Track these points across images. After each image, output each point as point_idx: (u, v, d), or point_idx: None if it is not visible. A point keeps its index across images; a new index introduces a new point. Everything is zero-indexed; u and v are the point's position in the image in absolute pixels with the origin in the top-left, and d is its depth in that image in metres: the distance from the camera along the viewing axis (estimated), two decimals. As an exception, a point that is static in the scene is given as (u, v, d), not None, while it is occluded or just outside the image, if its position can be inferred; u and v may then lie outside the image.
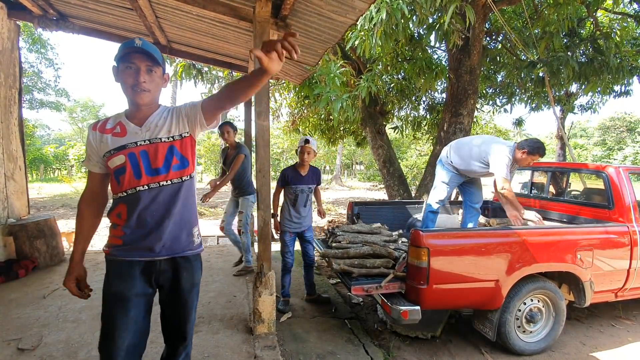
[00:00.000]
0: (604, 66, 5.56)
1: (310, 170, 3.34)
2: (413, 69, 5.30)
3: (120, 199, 1.43)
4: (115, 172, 1.41)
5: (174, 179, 1.45)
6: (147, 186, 1.41)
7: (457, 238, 2.63)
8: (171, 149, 1.45)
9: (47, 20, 3.69)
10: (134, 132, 1.42)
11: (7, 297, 3.02)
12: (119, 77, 1.41)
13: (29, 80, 19.36)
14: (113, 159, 1.40)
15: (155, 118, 1.46)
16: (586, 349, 2.95)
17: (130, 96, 1.41)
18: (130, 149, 1.40)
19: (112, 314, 1.40)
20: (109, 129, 1.44)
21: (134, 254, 1.43)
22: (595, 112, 10.35)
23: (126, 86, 1.39)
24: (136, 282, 1.43)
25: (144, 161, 1.41)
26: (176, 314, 1.54)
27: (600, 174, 3.38)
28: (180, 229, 1.48)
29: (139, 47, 1.36)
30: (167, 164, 1.44)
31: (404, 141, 19.29)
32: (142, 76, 1.37)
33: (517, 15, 6.98)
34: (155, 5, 3.10)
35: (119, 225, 1.43)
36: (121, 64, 1.38)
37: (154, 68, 1.41)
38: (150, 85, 1.41)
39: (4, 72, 3.83)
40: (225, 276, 3.81)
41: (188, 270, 1.52)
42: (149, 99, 1.42)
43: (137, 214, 1.41)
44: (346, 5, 2.49)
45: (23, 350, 2.25)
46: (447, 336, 3.09)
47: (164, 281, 1.50)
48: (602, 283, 2.93)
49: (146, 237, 1.42)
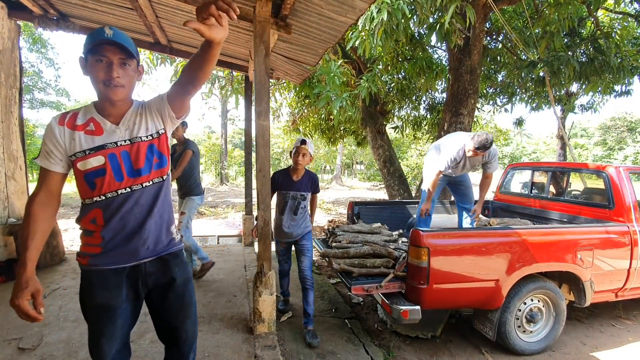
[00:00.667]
0: (604, 66, 5.56)
1: (305, 176, 2.95)
2: (413, 68, 5.30)
3: (95, 203, 1.30)
4: (89, 174, 1.28)
5: (155, 178, 1.39)
6: (130, 188, 1.32)
7: (457, 238, 2.63)
8: (151, 148, 1.37)
9: (48, 20, 3.69)
10: (112, 131, 1.31)
11: (8, 297, 3.01)
12: (88, 70, 1.27)
13: (29, 80, 19.37)
14: (88, 159, 1.27)
15: (131, 116, 1.36)
16: (586, 349, 2.95)
17: (103, 92, 1.27)
18: (110, 149, 1.29)
19: (99, 325, 1.33)
20: (80, 125, 1.29)
21: (117, 260, 1.33)
22: (596, 111, 10.34)
23: (97, 81, 1.26)
24: (122, 290, 1.34)
25: (125, 162, 1.31)
26: (175, 313, 1.46)
27: (600, 173, 3.38)
28: (161, 228, 1.42)
29: (110, 39, 1.22)
30: (149, 163, 1.36)
31: (404, 141, 19.28)
32: (115, 71, 1.25)
33: (517, 15, 6.97)
34: (156, 5, 3.10)
35: (95, 231, 1.31)
36: (90, 56, 1.25)
37: (128, 61, 1.28)
38: (124, 80, 1.28)
39: (5, 71, 3.83)
40: (225, 276, 3.81)
41: (179, 265, 1.48)
42: (123, 94, 1.30)
43: (117, 218, 1.31)
44: (346, 5, 2.49)
45: (24, 349, 2.26)
46: (447, 336, 3.10)
47: (154, 284, 1.42)
48: (602, 283, 2.93)
49: (129, 241, 1.33)
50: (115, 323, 1.34)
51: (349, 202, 4.20)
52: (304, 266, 2.94)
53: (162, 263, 1.43)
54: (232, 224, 6.89)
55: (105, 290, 1.32)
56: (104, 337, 1.33)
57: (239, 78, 6.67)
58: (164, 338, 1.53)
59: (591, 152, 31.80)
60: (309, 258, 2.96)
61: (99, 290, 1.32)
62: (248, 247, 4.95)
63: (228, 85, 7.15)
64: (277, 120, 9.43)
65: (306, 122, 9.00)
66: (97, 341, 1.33)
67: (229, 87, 7.11)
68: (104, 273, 1.33)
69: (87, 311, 1.35)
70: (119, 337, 1.36)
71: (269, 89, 2.49)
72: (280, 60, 4.01)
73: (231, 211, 10.47)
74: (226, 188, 20.07)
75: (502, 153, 33.90)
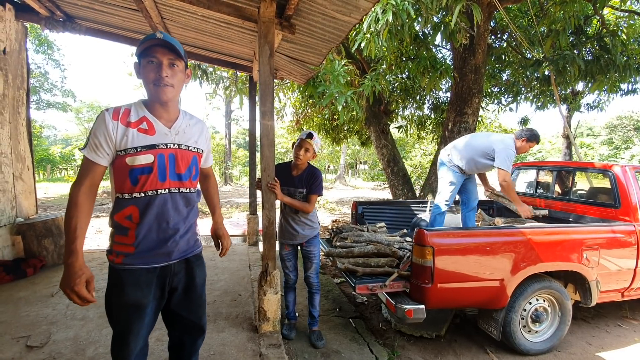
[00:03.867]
0: (610, 64, 5.51)
1: (306, 172, 2.68)
2: (417, 68, 5.28)
3: (134, 199, 1.34)
4: (135, 170, 1.33)
5: (191, 187, 1.48)
6: (169, 190, 1.39)
7: (461, 237, 2.63)
8: (194, 159, 1.48)
9: (54, 22, 3.72)
10: (164, 133, 1.39)
11: (16, 295, 3.06)
12: (141, 72, 1.36)
13: (36, 81, 19.56)
14: (138, 156, 1.32)
15: (182, 123, 1.45)
16: (592, 349, 2.94)
17: (153, 92, 1.35)
18: (160, 149, 1.36)
19: (129, 322, 1.37)
20: (134, 122, 1.34)
21: (151, 260, 1.38)
22: (602, 110, 10.23)
23: (148, 81, 1.34)
24: (152, 289, 1.40)
25: (170, 164, 1.39)
26: (192, 310, 1.56)
27: (606, 173, 3.36)
28: (190, 232, 1.51)
29: (161, 40, 1.31)
30: (189, 172, 1.46)
31: (408, 140, 19.23)
32: (164, 70, 1.33)
33: (522, 14, 6.93)
34: (161, 6, 3.13)
35: (130, 229, 1.35)
36: (143, 59, 1.34)
37: (176, 62, 1.36)
38: (173, 80, 1.36)
39: (12, 73, 3.88)
40: (230, 275, 3.83)
41: (200, 266, 1.58)
42: (172, 94, 1.37)
43: (152, 218, 1.36)
44: (350, 5, 2.49)
45: (32, 347, 2.28)
46: (451, 335, 3.09)
47: (178, 282, 1.49)
48: (608, 282, 2.91)
49: (164, 242, 1.40)
50: (143, 321, 1.39)
51: (353, 202, 4.20)
52: (310, 272, 2.82)
53: (186, 264, 1.52)
54: (237, 223, 6.91)
55: (137, 288, 1.36)
56: (131, 334, 1.37)
57: (243, 78, 6.69)
58: (182, 332, 1.60)
59: (597, 152, 31.51)
60: (315, 264, 2.82)
61: (131, 288, 1.35)
62: (252, 247, 4.97)
63: (232, 86, 7.18)
64: (281, 120, 9.46)
65: (310, 122, 9.01)
66: (125, 339, 1.37)
67: (233, 87, 7.14)
68: (136, 272, 1.36)
69: (115, 310, 1.38)
70: (144, 335, 1.43)
71: (274, 89, 2.50)
72: (284, 60, 4.02)
73: (235, 211, 10.51)
74: (230, 188, 20.14)
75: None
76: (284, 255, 2.82)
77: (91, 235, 6.87)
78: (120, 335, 1.39)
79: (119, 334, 1.39)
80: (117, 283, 1.36)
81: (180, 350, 1.64)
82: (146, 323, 1.41)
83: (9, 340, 2.36)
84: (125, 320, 1.37)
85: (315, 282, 2.84)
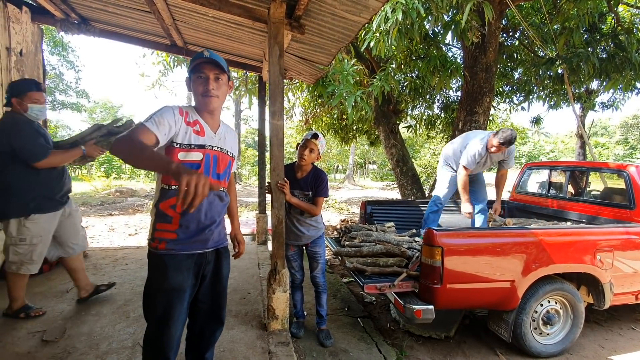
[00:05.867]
0: (625, 62, 5.39)
1: (311, 175, 2.66)
2: (427, 67, 5.24)
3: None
4: (185, 164, 1.46)
5: (224, 187, 1.67)
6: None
7: (471, 237, 2.61)
8: (230, 163, 1.70)
9: (69, 24, 3.81)
10: (210, 136, 1.59)
11: (32, 291, 3.14)
12: (192, 86, 1.57)
13: (51, 82, 19.99)
14: (191, 153, 1.50)
15: (223, 130, 1.67)
16: (605, 352, 2.89)
17: (201, 102, 1.56)
18: (208, 150, 1.56)
19: (171, 306, 1.47)
20: (191, 122, 1.54)
21: (191, 247, 1.53)
22: (618, 109, 9.99)
23: (197, 93, 1.55)
24: (190, 274, 1.54)
25: (214, 164, 1.59)
26: (216, 301, 1.70)
27: (621, 173, 3.30)
28: (222, 225, 1.71)
29: (208, 58, 1.51)
30: (225, 174, 1.67)
31: (418, 140, 19.10)
32: (211, 84, 1.53)
33: (535, 11, 6.82)
34: (173, 8, 3.17)
35: (173, 217, 1.50)
36: (193, 74, 1.55)
37: (221, 75, 1.56)
38: (218, 92, 1.56)
39: (29, 74, 3.97)
40: (239, 273, 3.86)
41: (227, 258, 1.76)
42: (217, 103, 1.58)
43: (195, 209, 1.41)
44: (360, 5, 2.49)
45: (48, 341, 2.34)
46: (461, 336, 3.07)
47: (208, 271, 1.64)
48: (622, 285, 2.86)
49: (203, 231, 1.56)
50: (183, 305, 1.51)
51: (362, 201, 4.20)
52: (316, 272, 2.83)
53: (217, 254, 1.69)
54: (246, 222, 6.96)
55: (179, 273, 1.49)
56: (172, 318, 1.48)
57: (253, 79, 6.73)
58: (202, 322, 1.72)
59: (612, 151, 30.80)
60: (321, 264, 2.82)
61: (173, 273, 1.48)
62: (261, 246, 5.01)
63: (242, 86, 7.23)
64: (290, 120, 9.49)
65: (319, 122, 9.02)
66: (167, 324, 1.47)
67: (242, 87, 7.19)
68: (178, 257, 1.50)
69: (157, 296, 1.48)
70: (182, 322, 1.54)
71: (283, 89, 2.52)
72: (294, 61, 4.04)
73: (244, 210, 10.58)
74: (239, 187, 20.26)
75: (519, 152, 33.18)
76: (290, 256, 2.82)
77: (104, 233, 7.00)
78: (161, 322, 1.48)
79: (160, 321, 1.48)
80: (161, 268, 1.48)
81: (200, 340, 1.74)
82: (185, 308, 1.53)
83: (25, 334, 2.43)
84: (168, 305, 1.47)
85: (322, 281, 2.85)
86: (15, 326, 2.52)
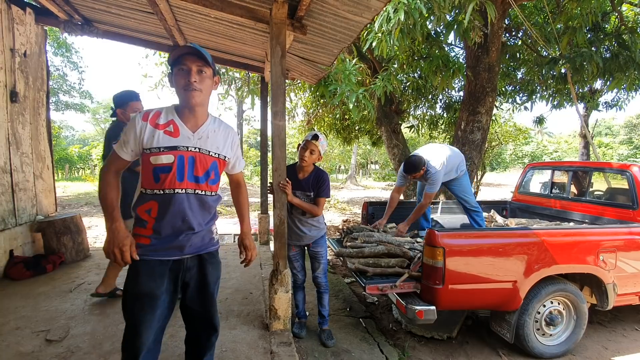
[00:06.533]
0: (629, 62, 5.35)
1: (313, 175, 2.66)
2: (429, 67, 5.23)
3: (154, 195, 1.45)
4: (157, 168, 1.44)
5: (207, 190, 1.55)
6: (185, 190, 1.47)
7: (473, 238, 2.60)
8: (213, 165, 1.56)
9: (73, 25, 3.83)
10: (187, 137, 1.48)
11: (36, 291, 3.16)
12: (173, 80, 1.48)
13: (54, 83, 20.07)
14: (160, 156, 1.43)
15: (207, 128, 1.54)
16: (608, 354, 2.88)
17: (183, 96, 1.46)
18: (181, 151, 1.46)
19: (141, 313, 1.43)
20: (162, 124, 1.46)
21: (164, 253, 1.48)
22: (621, 109, 9.93)
23: (179, 87, 1.45)
24: (164, 281, 1.48)
25: (189, 166, 1.48)
26: (205, 307, 1.62)
27: (624, 173, 3.28)
28: (205, 231, 1.59)
29: (190, 49, 1.43)
30: (206, 176, 1.54)
31: (420, 140, 19.05)
32: (192, 76, 1.43)
33: (538, 10, 6.79)
34: (175, 9, 3.18)
35: (148, 222, 1.46)
36: (174, 67, 1.46)
37: (204, 68, 1.46)
38: (201, 85, 1.45)
39: (33, 75, 4.00)
40: (241, 274, 3.87)
41: (213, 264, 1.64)
42: (200, 98, 1.47)
43: (170, 215, 1.45)
44: (362, 5, 2.49)
45: (51, 341, 2.36)
46: (463, 337, 3.07)
47: (190, 278, 1.56)
48: (625, 285, 2.85)
49: (177, 237, 1.48)
50: (155, 312, 1.45)
51: (364, 202, 4.20)
52: (317, 272, 2.84)
53: (200, 260, 1.59)
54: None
55: (151, 279, 1.45)
56: (143, 325, 1.43)
57: (255, 79, 6.75)
58: (198, 327, 1.67)
59: (616, 151, 30.61)
60: (323, 265, 2.82)
61: (145, 278, 1.44)
62: (264, 246, 5.01)
63: (244, 86, 7.25)
64: (292, 120, 9.50)
65: (321, 122, 9.02)
66: (136, 329, 1.44)
67: (245, 88, 7.21)
68: (151, 263, 1.46)
69: (129, 300, 1.45)
70: (155, 328, 1.48)
71: (285, 90, 2.52)
72: (296, 61, 4.04)
73: (247, 210, 10.59)
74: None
75: (522, 152, 33.02)
76: (291, 257, 2.82)
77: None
78: (132, 326, 1.45)
79: (132, 326, 1.45)
80: (133, 273, 1.46)
81: (196, 345, 1.70)
82: (158, 315, 1.46)
83: (29, 334, 2.44)
84: (138, 311, 1.43)
85: (324, 282, 2.85)
86: (19, 325, 2.54)
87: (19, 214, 3.75)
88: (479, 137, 5.80)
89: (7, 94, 3.58)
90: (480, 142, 5.85)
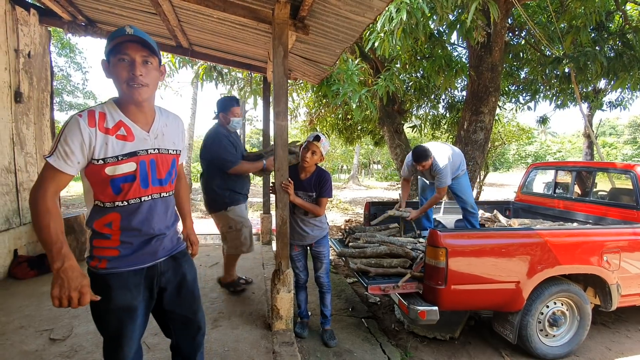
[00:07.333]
0: (633, 61, 5.33)
1: (315, 175, 2.65)
2: (432, 67, 5.23)
3: (116, 207, 1.28)
4: (117, 179, 1.26)
5: (170, 190, 1.45)
6: (151, 196, 1.35)
7: (476, 238, 2.60)
8: (173, 162, 1.44)
9: (76, 26, 3.85)
10: (143, 138, 1.31)
11: (40, 290, 3.18)
12: (111, 72, 1.24)
13: (58, 84, 20.16)
14: (120, 165, 1.24)
15: (159, 124, 1.38)
16: (612, 355, 2.86)
17: (127, 92, 1.24)
18: (141, 156, 1.29)
19: (121, 326, 1.32)
20: (112, 129, 1.25)
21: (136, 262, 1.34)
22: (626, 108, 9.87)
23: (120, 81, 1.22)
24: (140, 289, 1.36)
25: (152, 170, 1.34)
26: (188, 307, 1.52)
27: (628, 173, 3.26)
28: (172, 231, 1.48)
29: (132, 35, 1.19)
30: (169, 175, 1.42)
31: (423, 140, 19.02)
32: (138, 69, 1.21)
33: (541, 10, 6.76)
34: (178, 9, 3.19)
35: (112, 234, 1.30)
36: (112, 56, 1.22)
37: (150, 59, 1.25)
38: (148, 79, 1.25)
39: (37, 75, 4.02)
40: (243, 273, 3.88)
41: (188, 262, 1.55)
42: (147, 94, 1.27)
43: (137, 224, 1.32)
44: (364, 5, 2.49)
45: (55, 340, 2.37)
46: (466, 338, 3.06)
47: (167, 282, 1.45)
48: (629, 286, 2.83)
49: (148, 243, 1.36)
50: (135, 323, 1.35)
51: (366, 202, 4.20)
52: (320, 272, 2.82)
53: (173, 261, 1.48)
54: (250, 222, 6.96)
55: (125, 291, 1.31)
56: (125, 337, 1.33)
57: (258, 79, 6.75)
58: (177, 333, 1.55)
59: (620, 151, 30.43)
60: (325, 264, 2.81)
61: (120, 292, 1.30)
62: (266, 246, 5.02)
63: (247, 87, 7.26)
64: (295, 120, 9.50)
65: (323, 122, 9.02)
66: (119, 343, 1.34)
67: (247, 88, 7.22)
68: (123, 275, 1.31)
69: (104, 316, 1.32)
70: (137, 338, 1.39)
71: (287, 90, 2.52)
72: (298, 61, 4.05)
73: (249, 210, 10.62)
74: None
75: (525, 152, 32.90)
76: (294, 256, 2.82)
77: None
78: (113, 340, 1.35)
79: (112, 339, 1.35)
80: (103, 289, 1.27)
81: (179, 352, 1.59)
82: (138, 325, 1.37)
83: (33, 332, 2.46)
84: (118, 325, 1.32)
85: (326, 281, 2.84)
86: (23, 324, 2.56)
87: (23, 214, 3.77)
88: (482, 137, 5.79)
89: (12, 95, 3.60)
90: (483, 142, 5.83)
